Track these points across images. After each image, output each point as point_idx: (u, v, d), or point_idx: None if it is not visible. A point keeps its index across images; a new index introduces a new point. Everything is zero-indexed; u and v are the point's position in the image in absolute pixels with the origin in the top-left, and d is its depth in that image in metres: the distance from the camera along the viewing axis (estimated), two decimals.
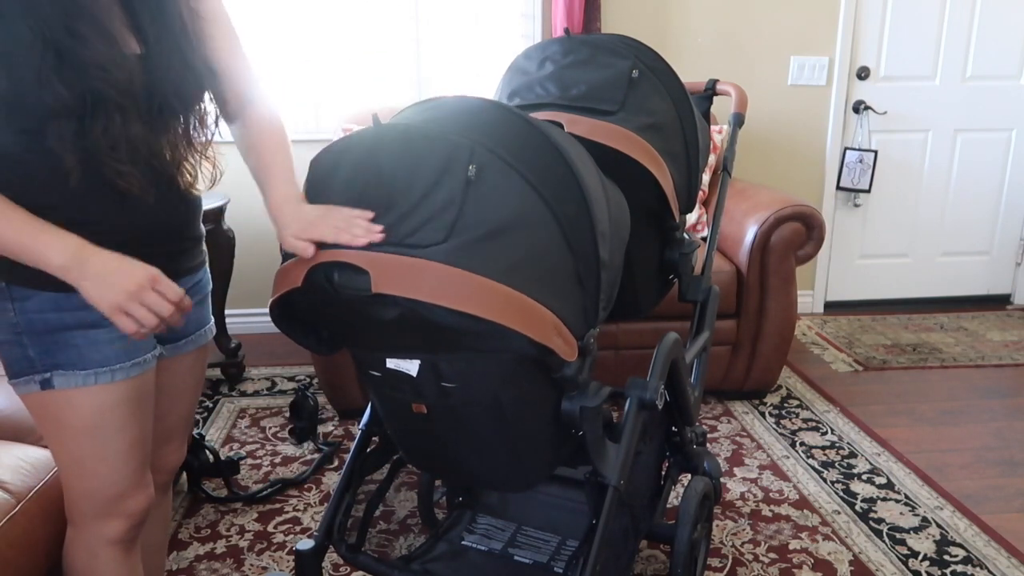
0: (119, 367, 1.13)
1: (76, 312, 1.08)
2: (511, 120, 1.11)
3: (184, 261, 1.24)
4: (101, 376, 1.12)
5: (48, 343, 1.09)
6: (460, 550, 1.69)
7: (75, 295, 1.06)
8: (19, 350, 1.10)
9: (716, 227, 1.86)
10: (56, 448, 1.18)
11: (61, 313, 1.08)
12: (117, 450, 1.17)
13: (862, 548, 1.97)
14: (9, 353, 1.11)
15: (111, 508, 1.20)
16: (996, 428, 2.60)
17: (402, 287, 0.99)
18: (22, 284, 1.07)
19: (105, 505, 1.19)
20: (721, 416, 2.69)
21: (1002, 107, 3.65)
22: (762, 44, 3.44)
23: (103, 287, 1.02)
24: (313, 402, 2.55)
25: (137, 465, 1.21)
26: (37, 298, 1.08)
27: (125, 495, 1.20)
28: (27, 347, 1.09)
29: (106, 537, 1.21)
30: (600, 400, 1.20)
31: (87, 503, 1.20)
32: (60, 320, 1.09)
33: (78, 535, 1.23)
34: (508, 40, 3.28)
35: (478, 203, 1.02)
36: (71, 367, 1.10)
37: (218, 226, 2.80)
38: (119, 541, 1.22)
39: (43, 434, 1.18)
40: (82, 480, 1.18)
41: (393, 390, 1.19)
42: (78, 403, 1.12)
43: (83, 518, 1.21)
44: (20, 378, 1.12)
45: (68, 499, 1.21)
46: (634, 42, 1.53)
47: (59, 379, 1.10)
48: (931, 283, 3.85)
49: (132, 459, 1.19)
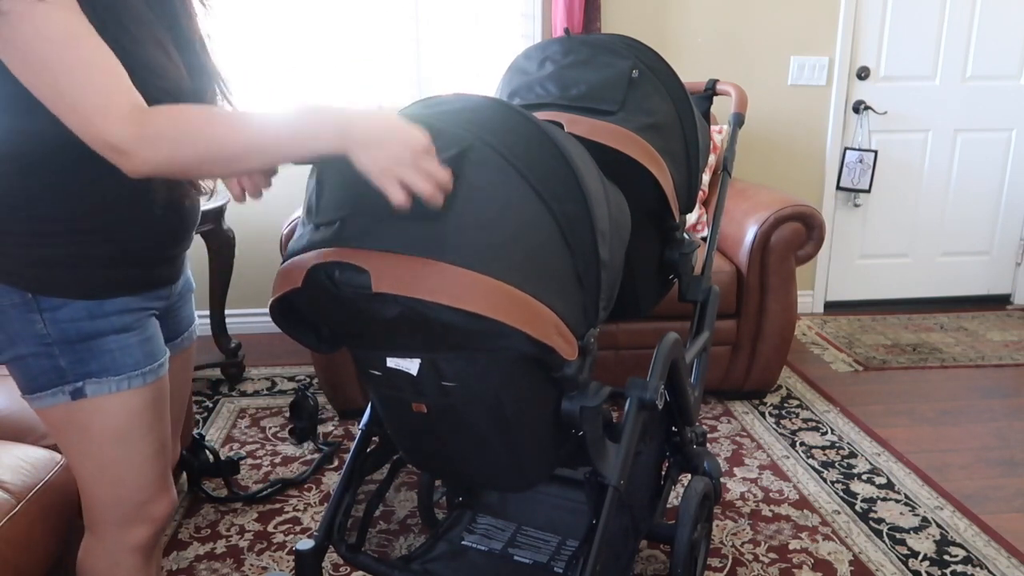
0: (148, 369, 1.14)
1: (110, 318, 1.09)
2: (512, 117, 1.11)
3: (184, 262, 1.27)
4: (134, 380, 1.12)
5: (82, 351, 1.08)
6: (460, 550, 1.69)
7: (107, 302, 1.08)
8: (47, 361, 1.08)
9: (716, 227, 1.86)
10: (80, 458, 1.16)
11: (95, 320, 1.08)
12: (145, 456, 1.17)
13: (862, 548, 1.97)
14: (35, 366, 1.09)
15: (136, 514, 1.19)
16: (996, 428, 2.60)
17: (402, 286, 0.99)
18: (53, 293, 1.06)
19: (130, 512, 1.19)
20: (721, 416, 2.69)
21: (1002, 107, 3.65)
22: (762, 44, 3.44)
23: (378, 153, 0.95)
24: (313, 402, 2.55)
25: (161, 470, 1.21)
26: (70, 307, 1.07)
27: (150, 501, 1.20)
28: (57, 358, 1.08)
29: (129, 544, 1.21)
30: (600, 400, 1.20)
31: (112, 511, 1.19)
32: (95, 327, 1.08)
33: (99, 543, 1.22)
34: (508, 40, 3.28)
35: (474, 198, 1.02)
36: (104, 374, 1.10)
37: (218, 226, 2.80)
38: (142, 548, 1.22)
39: (64, 445, 1.16)
40: (108, 488, 1.17)
41: (393, 389, 1.19)
42: (109, 410, 1.11)
43: (105, 526, 1.20)
44: (46, 391, 1.10)
45: (90, 508, 1.20)
46: (634, 42, 1.52)
47: (92, 387, 1.09)
48: (931, 283, 3.85)
49: (157, 464, 1.19)
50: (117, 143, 0.92)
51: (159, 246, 1.16)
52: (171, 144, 0.93)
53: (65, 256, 1.06)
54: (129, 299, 1.12)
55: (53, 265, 1.06)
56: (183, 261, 1.26)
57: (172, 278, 1.22)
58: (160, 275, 1.18)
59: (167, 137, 0.93)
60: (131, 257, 1.11)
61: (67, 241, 1.06)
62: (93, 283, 1.08)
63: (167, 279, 1.21)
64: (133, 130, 0.92)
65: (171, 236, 1.18)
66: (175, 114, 0.96)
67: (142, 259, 1.13)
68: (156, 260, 1.16)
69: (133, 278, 1.12)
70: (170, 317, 1.28)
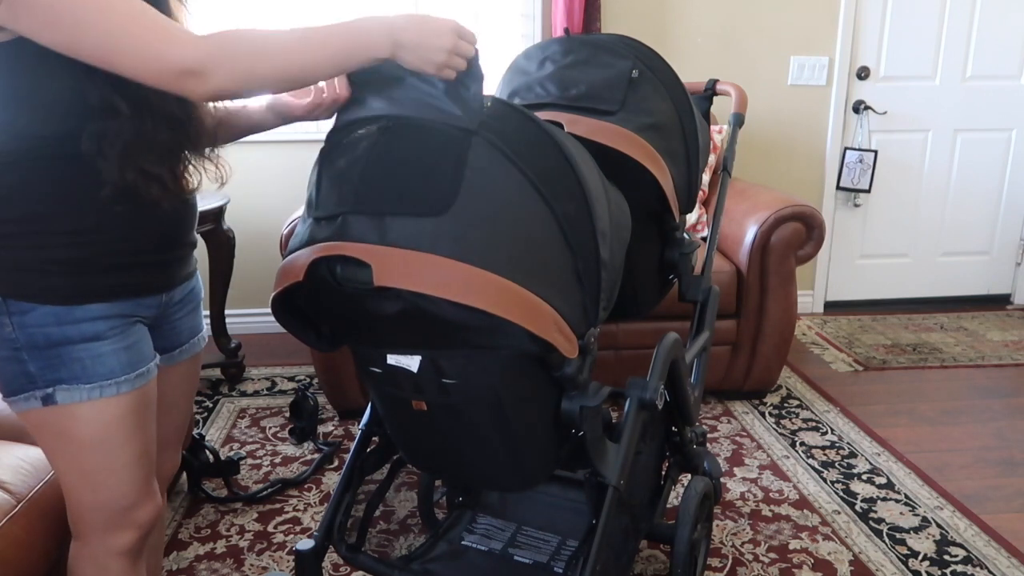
0: (124, 379, 1.12)
1: (79, 325, 1.07)
2: (513, 117, 1.11)
3: (184, 267, 1.24)
4: (106, 389, 1.10)
5: (50, 358, 1.07)
6: (460, 550, 1.69)
7: (77, 308, 1.06)
8: (17, 366, 1.07)
9: (716, 227, 1.86)
10: (61, 463, 1.15)
11: (63, 327, 1.06)
12: (125, 462, 1.15)
13: (862, 548, 1.97)
14: (6, 369, 1.08)
15: (120, 520, 1.19)
16: (996, 428, 2.60)
17: (404, 280, 0.99)
18: (21, 298, 1.05)
19: (114, 517, 1.18)
20: (721, 416, 2.69)
21: (1002, 107, 3.65)
22: (762, 44, 3.44)
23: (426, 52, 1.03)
24: (313, 402, 2.55)
25: (145, 475, 1.20)
26: (37, 312, 1.05)
27: (134, 506, 1.19)
28: (26, 363, 1.07)
29: (116, 549, 1.20)
30: (600, 400, 1.20)
31: (95, 516, 1.18)
32: (62, 334, 1.06)
33: (85, 548, 1.21)
34: (508, 40, 3.29)
35: (476, 194, 1.02)
36: (75, 381, 1.08)
37: (218, 226, 2.80)
38: (128, 552, 1.21)
39: (45, 450, 1.15)
40: (90, 493, 1.16)
41: (394, 387, 1.20)
42: (83, 417, 1.10)
43: (91, 531, 1.19)
44: (19, 395, 1.09)
45: (74, 513, 1.19)
46: (634, 42, 1.52)
47: (62, 394, 1.08)
48: (931, 283, 3.85)
49: (140, 470, 1.18)
50: (192, 65, 0.93)
51: (139, 252, 1.12)
52: (249, 58, 0.96)
53: (31, 260, 1.05)
54: (104, 306, 1.09)
55: (21, 269, 1.05)
56: (181, 269, 1.23)
57: (163, 286, 1.19)
58: (146, 282, 1.15)
59: (244, 52, 0.96)
60: (100, 263, 1.08)
61: (31, 244, 1.05)
62: (59, 289, 1.06)
63: (156, 287, 1.18)
64: (207, 49, 0.93)
65: (153, 241, 1.14)
66: (243, 33, 0.97)
67: (119, 265, 1.10)
68: (138, 266, 1.13)
69: (107, 285, 1.09)
70: (165, 326, 1.25)
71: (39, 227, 1.04)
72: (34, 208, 1.04)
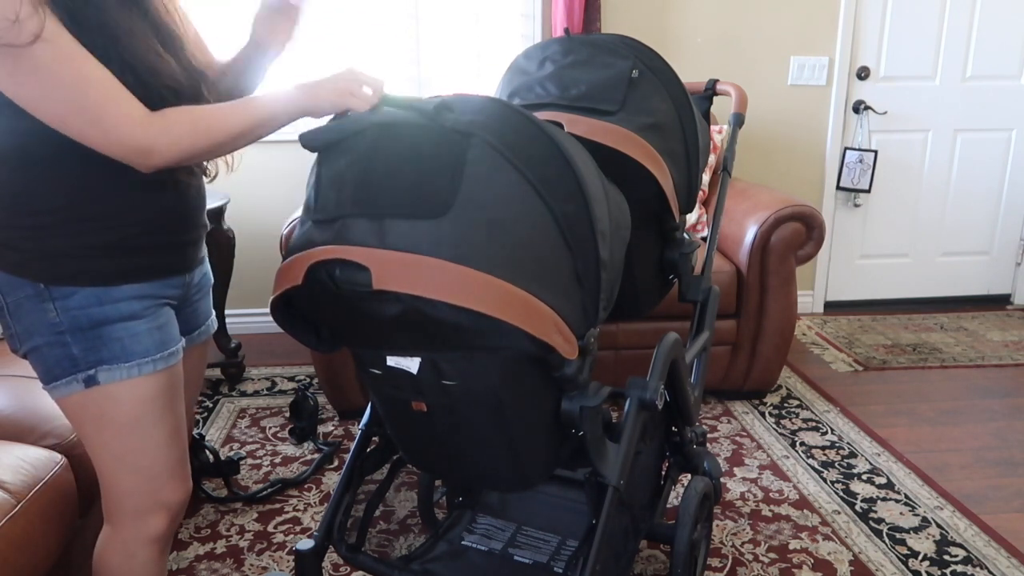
0: (159, 356, 1.18)
1: (117, 305, 1.14)
2: (513, 117, 1.11)
3: (198, 250, 1.31)
4: (144, 367, 1.16)
5: (92, 339, 1.13)
6: (460, 550, 1.69)
7: (115, 289, 1.13)
8: (60, 350, 1.13)
9: (716, 227, 1.86)
10: (98, 448, 1.20)
11: (104, 306, 1.13)
12: (157, 443, 1.21)
13: (862, 548, 1.97)
14: (49, 355, 1.14)
15: (152, 504, 1.23)
16: (996, 428, 2.60)
17: (403, 283, 0.99)
18: (63, 283, 1.11)
19: (147, 499, 1.23)
20: (721, 416, 2.69)
21: (1002, 107, 3.65)
22: (762, 44, 3.44)
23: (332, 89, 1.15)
24: (313, 402, 2.55)
25: (177, 456, 1.25)
26: (79, 295, 1.12)
27: (165, 488, 1.24)
28: (70, 346, 1.13)
29: (146, 535, 1.25)
30: (600, 400, 1.20)
31: (129, 500, 1.23)
32: (103, 314, 1.13)
33: (116, 536, 1.26)
34: (508, 40, 3.28)
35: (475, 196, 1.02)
36: (115, 360, 1.14)
37: (218, 226, 2.79)
38: (158, 540, 1.26)
39: (83, 437, 1.20)
40: (126, 476, 1.21)
41: (393, 388, 1.20)
42: (120, 397, 1.16)
43: (124, 517, 1.24)
44: (61, 380, 1.15)
45: (109, 499, 1.24)
46: (634, 42, 1.52)
47: (103, 374, 1.14)
48: (931, 283, 3.86)
49: (172, 450, 1.24)
50: (142, 144, 1.04)
51: (159, 233, 1.19)
52: (191, 138, 1.07)
53: (69, 247, 1.11)
54: (137, 287, 1.16)
55: (59, 256, 1.11)
56: (196, 251, 1.30)
57: (183, 267, 1.26)
58: (168, 263, 1.22)
59: (186, 132, 1.07)
60: (131, 245, 1.15)
61: (67, 231, 1.11)
62: (98, 271, 1.13)
63: (177, 268, 1.25)
64: (155, 130, 1.04)
65: (171, 223, 1.21)
66: (187, 112, 1.08)
67: (143, 247, 1.17)
68: (160, 248, 1.20)
69: (137, 266, 1.16)
70: (187, 309, 1.33)
71: (71, 215, 1.11)
72: (65, 199, 1.10)
